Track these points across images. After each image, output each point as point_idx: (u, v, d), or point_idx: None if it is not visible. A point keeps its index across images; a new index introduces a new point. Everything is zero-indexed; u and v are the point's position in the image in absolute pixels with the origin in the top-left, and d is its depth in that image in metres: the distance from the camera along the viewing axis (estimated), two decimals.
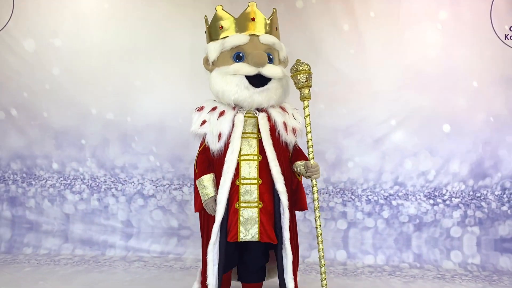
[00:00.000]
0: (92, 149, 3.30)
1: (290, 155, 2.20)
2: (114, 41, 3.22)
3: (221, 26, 2.16)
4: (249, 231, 2.02)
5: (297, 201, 2.23)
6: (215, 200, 2.07)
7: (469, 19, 3.11)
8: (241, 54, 2.11)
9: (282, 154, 2.12)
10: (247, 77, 2.06)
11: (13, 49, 3.24)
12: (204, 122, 2.14)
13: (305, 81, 2.03)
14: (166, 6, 3.19)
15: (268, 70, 2.07)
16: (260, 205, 2.04)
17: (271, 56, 2.14)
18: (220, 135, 2.07)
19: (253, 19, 2.13)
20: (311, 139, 2.07)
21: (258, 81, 2.06)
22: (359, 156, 3.20)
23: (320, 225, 2.12)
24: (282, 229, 2.04)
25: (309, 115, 2.06)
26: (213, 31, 2.20)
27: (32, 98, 3.28)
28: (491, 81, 3.12)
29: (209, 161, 2.16)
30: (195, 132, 2.15)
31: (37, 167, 3.34)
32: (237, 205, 2.04)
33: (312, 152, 2.07)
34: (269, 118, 2.12)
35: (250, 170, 2.05)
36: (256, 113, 2.12)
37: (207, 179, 2.13)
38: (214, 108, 2.16)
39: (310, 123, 2.07)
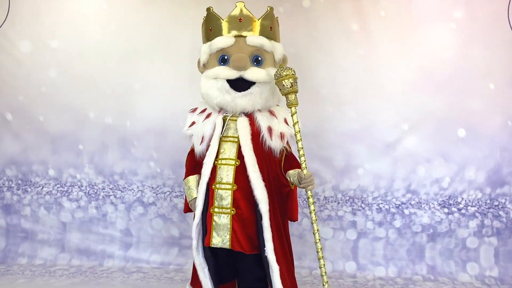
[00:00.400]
0: (90, 155, 3.25)
1: (282, 162, 2.14)
2: (113, 43, 3.17)
3: (211, 28, 2.18)
4: (221, 238, 2.02)
5: (287, 211, 2.17)
6: None
7: (485, 18, 3.01)
8: (225, 57, 2.12)
9: (265, 160, 2.09)
10: (230, 80, 2.07)
11: (8, 51, 3.20)
12: (193, 123, 2.20)
13: (290, 87, 1.98)
14: (167, 6, 3.13)
15: (251, 73, 2.06)
16: (233, 211, 2.02)
17: (259, 58, 2.12)
18: (203, 138, 2.12)
19: (240, 20, 2.12)
20: (302, 148, 2.02)
21: (240, 85, 2.07)
22: (369, 163, 3.11)
23: (319, 239, 2.06)
24: (264, 239, 1.99)
25: (297, 122, 2.02)
26: (204, 33, 2.23)
27: (27, 101, 3.23)
28: (509, 83, 3.02)
29: (196, 162, 2.19)
30: (184, 133, 2.23)
31: (33, 173, 3.28)
32: (212, 210, 2.05)
33: (304, 161, 2.01)
34: (253, 122, 2.10)
35: (225, 174, 2.05)
36: (240, 116, 2.11)
37: (192, 180, 2.19)
38: (203, 110, 2.21)
39: (299, 131, 2.03)
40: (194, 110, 2.27)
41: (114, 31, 3.17)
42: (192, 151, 2.24)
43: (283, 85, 1.99)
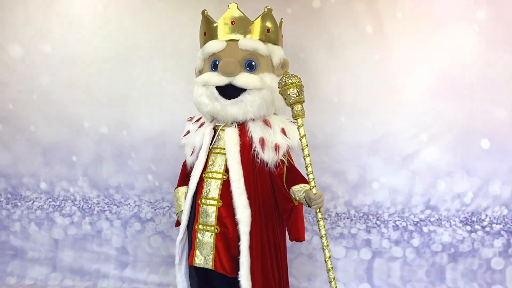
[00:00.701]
0: (84, 167, 3.12)
1: (283, 176, 2.01)
2: (109, 47, 3.05)
3: (205, 32, 2.14)
4: (204, 257, 1.97)
5: (292, 229, 2.03)
6: None
7: (510, 19, 2.87)
8: (217, 62, 2.05)
9: (256, 175, 1.99)
10: (220, 87, 1.99)
11: None
12: (188, 133, 2.18)
13: (297, 96, 1.83)
14: (165, 7, 3.00)
15: (241, 79, 1.98)
16: (217, 230, 1.95)
17: (253, 63, 2.04)
18: (194, 148, 2.09)
19: (232, 23, 2.05)
20: (311, 164, 1.85)
21: (230, 92, 1.99)
22: (385, 176, 2.97)
23: (331, 268, 1.87)
24: (240, 262, 1.88)
25: (305, 135, 1.86)
26: (200, 37, 2.20)
27: (18, 110, 3.11)
28: None
29: (187, 174, 2.16)
30: (179, 143, 2.22)
31: (23, 186, 3.16)
32: (197, 226, 2.01)
33: (313, 179, 1.84)
34: (245, 132, 2.01)
35: (211, 189, 1.99)
36: (236, 127, 2.04)
37: (181, 192, 2.20)
38: (199, 119, 2.18)
39: (307, 145, 1.86)
40: (191, 118, 2.23)
41: (110, 35, 3.05)
42: (184, 167, 2.22)
43: (289, 94, 1.84)
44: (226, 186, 1.95)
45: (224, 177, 1.97)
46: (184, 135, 2.20)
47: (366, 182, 2.99)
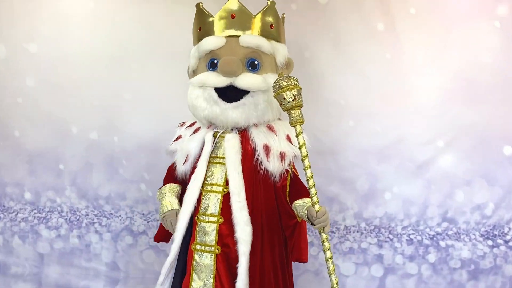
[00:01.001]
0: (72, 176, 2.99)
1: (287, 188, 1.85)
2: (100, 46, 2.90)
3: (200, 28, 1.99)
4: (203, 281, 1.81)
5: (294, 248, 1.87)
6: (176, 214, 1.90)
7: None
8: (215, 61, 1.90)
9: (260, 186, 1.85)
10: (219, 89, 1.84)
11: None
12: (179, 138, 2.05)
13: (293, 100, 1.68)
14: (161, 3, 2.86)
15: (243, 80, 1.83)
16: (217, 250, 1.81)
17: (256, 62, 1.89)
18: (187, 156, 1.93)
19: (232, 17, 1.90)
20: (312, 177, 1.68)
21: (231, 94, 1.85)
22: (398, 186, 2.81)
23: (334, 268, 1.72)
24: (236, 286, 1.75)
25: (304, 144, 1.71)
26: (194, 33, 2.06)
27: (1, 114, 2.98)
28: None
29: (174, 181, 2.06)
30: (167, 149, 2.07)
31: (6, 197, 3.04)
32: (193, 246, 1.86)
33: (316, 194, 1.67)
34: (248, 139, 1.88)
35: (211, 204, 1.83)
36: (236, 133, 1.90)
37: (170, 188, 2.04)
38: (192, 124, 2.05)
39: (307, 155, 1.70)
40: (183, 124, 2.12)
41: (101, 33, 2.90)
42: (172, 169, 2.05)
43: (284, 98, 1.68)
44: (227, 200, 1.81)
45: (225, 190, 1.83)
46: (175, 140, 2.06)
47: (377, 192, 2.82)
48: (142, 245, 2.96)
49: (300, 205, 1.77)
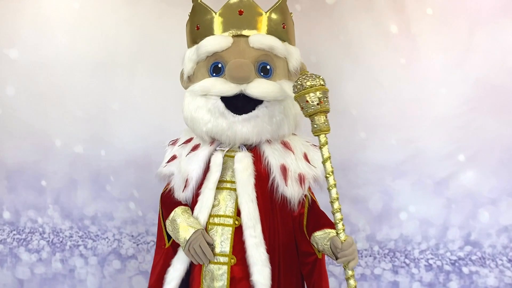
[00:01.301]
0: (54, 193, 2.87)
1: (304, 218, 1.65)
2: (86, 51, 2.80)
3: (198, 26, 1.74)
4: None
5: None
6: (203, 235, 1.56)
7: None
8: (219, 65, 1.66)
9: (277, 216, 1.61)
10: (227, 98, 1.60)
11: None
12: (174, 158, 1.77)
13: (318, 104, 1.44)
14: (152, 4, 2.76)
15: (256, 87, 1.59)
16: None
17: (268, 67, 1.67)
18: (187, 181, 1.64)
19: (240, 13, 1.67)
20: (337, 198, 1.46)
21: (241, 104, 1.60)
22: (415, 205, 2.71)
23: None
24: None
25: (329, 158, 1.47)
26: (190, 33, 1.82)
27: None
28: None
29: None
30: (159, 173, 1.79)
31: None
32: None
33: (342, 220, 1.44)
34: (260, 159, 1.63)
35: (219, 240, 1.57)
36: (242, 150, 1.65)
37: (182, 210, 1.65)
38: (188, 140, 1.77)
39: (333, 171, 1.47)
40: (174, 142, 1.84)
41: (87, 37, 2.79)
42: (168, 194, 1.73)
43: (307, 101, 1.44)
44: (239, 235, 1.56)
45: (237, 222, 1.57)
46: (168, 161, 1.79)
47: (392, 211, 2.73)
48: (131, 271, 2.83)
49: (321, 237, 1.55)
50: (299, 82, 1.45)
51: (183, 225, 1.58)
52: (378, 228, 2.72)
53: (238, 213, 1.56)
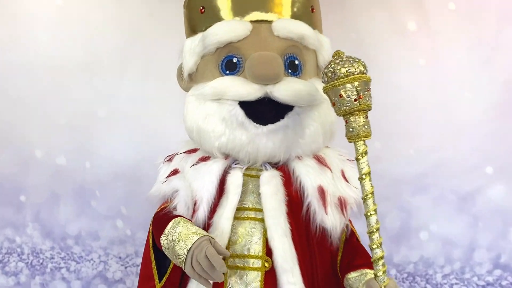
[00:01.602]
0: (35, 210, 2.74)
1: (338, 255, 1.35)
2: (70, 52, 2.67)
3: (203, 8, 1.39)
4: None
5: None
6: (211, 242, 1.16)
7: None
8: (234, 60, 1.32)
9: (315, 253, 1.30)
10: (245, 104, 1.26)
11: None
12: (175, 172, 1.40)
13: (356, 100, 1.13)
14: (144, 1, 2.64)
15: (285, 89, 1.26)
16: None
17: (296, 62, 1.35)
18: (196, 203, 1.28)
19: None
20: (378, 229, 1.17)
21: (266, 111, 1.28)
22: (437, 223, 2.58)
23: None
24: None
25: (369, 173, 1.17)
26: (191, 19, 1.48)
27: None
28: None
29: None
30: (157, 191, 1.41)
31: None
32: None
33: (382, 258, 1.14)
34: (290, 178, 1.30)
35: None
36: (266, 169, 1.31)
37: (184, 220, 1.26)
38: (193, 150, 1.43)
39: (373, 192, 1.17)
40: (171, 157, 1.49)
41: (71, 37, 2.67)
42: (163, 212, 1.35)
43: (341, 95, 1.12)
44: (271, 282, 1.24)
45: (267, 265, 1.25)
46: (168, 176, 1.43)
47: (411, 230, 2.60)
48: None
49: (355, 278, 1.27)
50: (330, 69, 1.13)
51: (184, 233, 1.19)
52: (396, 249, 2.59)
53: (267, 252, 1.25)
